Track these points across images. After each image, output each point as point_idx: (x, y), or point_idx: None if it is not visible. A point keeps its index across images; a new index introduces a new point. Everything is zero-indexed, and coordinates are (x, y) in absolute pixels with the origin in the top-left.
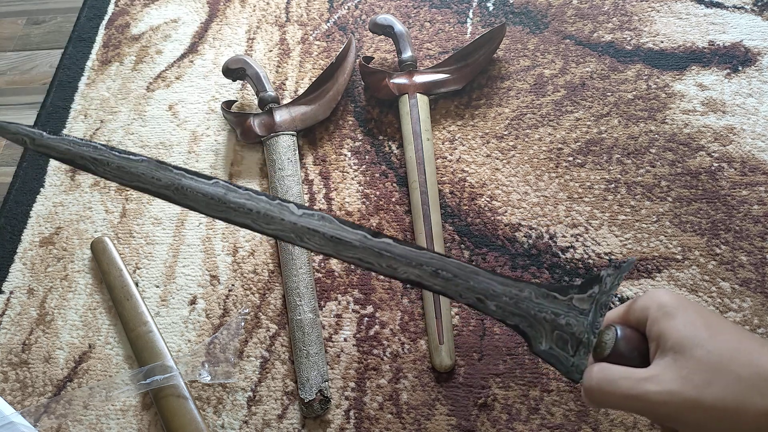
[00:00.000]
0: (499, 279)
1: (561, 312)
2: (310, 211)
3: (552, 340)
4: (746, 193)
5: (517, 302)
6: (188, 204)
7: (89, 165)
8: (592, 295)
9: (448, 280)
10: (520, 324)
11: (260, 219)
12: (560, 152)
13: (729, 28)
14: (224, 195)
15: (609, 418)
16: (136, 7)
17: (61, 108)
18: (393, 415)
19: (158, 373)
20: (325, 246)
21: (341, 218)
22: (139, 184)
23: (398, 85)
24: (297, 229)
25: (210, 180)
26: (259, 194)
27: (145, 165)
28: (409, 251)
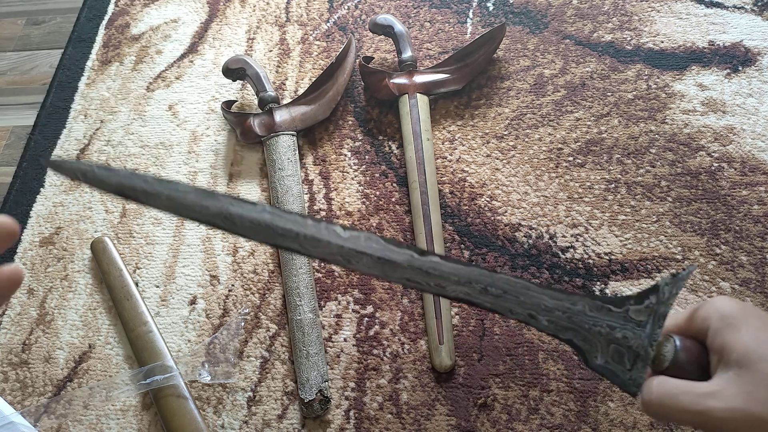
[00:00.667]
0: (549, 293)
1: (617, 324)
2: (356, 233)
3: (608, 354)
4: (746, 193)
5: (570, 316)
6: (238, 231)
7: (141, 198)
8: (649, 306)
9: (498, 297)
10: (573, 338)
11: (307, 242)
12: (560, 152)
13: (729, 28)
14: (271, 220)
15: (609, 418)
16: (136, 7)
17: (61, 108)
18: (393, 415)
19: (158, 373)
20: (373, 267)
21: (387, 238)
22: (190, 213)
23: (398, 85)
24: (344, 252)
25: (256, 206)
26: (305, 217)
27: (194, 195)
28: (458, 268)
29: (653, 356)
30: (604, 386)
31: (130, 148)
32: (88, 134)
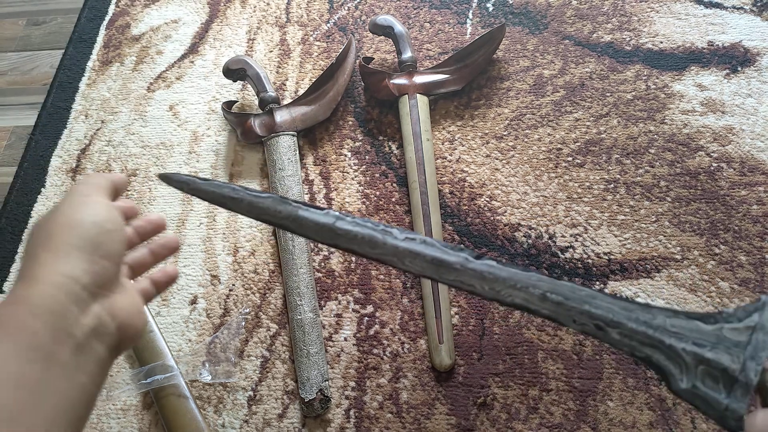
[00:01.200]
0: (621, 303)
1: (707, 343)
2: (413, 235)
3: (696, 377)
4: (745, 193)
5: (647, 330)
6: (304, 233)
7: (228, 203)
8: (750, 324)
9: (559, 305)
10: (653, 356)
11: (365, 244)
12: (560, 152)
13: (728, 28)
14: (333, 223)
15: (608, 417)
16: (137, 7)
17: (61, 108)
18: (393, 415)
19: (159, 372)
20: (427, 269)
21: (443, 242)
22: (265, 216)
23: (398, 85)
24: (399, 253)
25: (322, 210)
26: (365, 221)
27: (270, 201)
28: (514, 273)
29: (757, 383)
30: (603, 386)
31: (131, 149)
32: (89, 134)
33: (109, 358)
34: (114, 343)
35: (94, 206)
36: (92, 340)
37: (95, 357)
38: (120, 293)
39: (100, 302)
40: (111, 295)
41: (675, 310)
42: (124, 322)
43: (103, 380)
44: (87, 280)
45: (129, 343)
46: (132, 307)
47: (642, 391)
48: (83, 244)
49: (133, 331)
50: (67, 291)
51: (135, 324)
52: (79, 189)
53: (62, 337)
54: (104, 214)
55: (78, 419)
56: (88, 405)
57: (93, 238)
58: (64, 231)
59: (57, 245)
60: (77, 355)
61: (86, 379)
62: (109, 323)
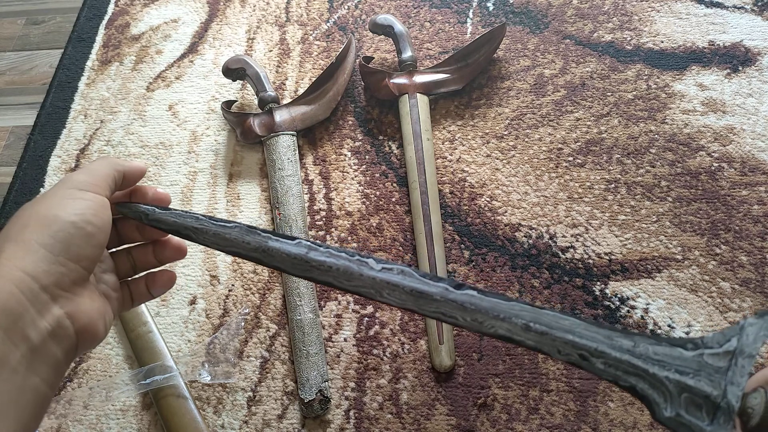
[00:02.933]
0: (604, 332)
1: (689, 370)
2: (389, 265)
3: (680, 405)
4: (746, 193)
5: (630, 359)
6: (275, 265)
7: (191, 234)
8: (729, 349)
9: (543, 335)
10: (637, 385)
11: (341, 276)
12: (560, 152)
13: (729, 28)
14: (306, 254)
15: (608, 418)
16: (136, 7)
17: (61, 108)
18: (393, 415)
19: (158, 373)
20: (407, 301)
21: (422, 271)
22: (232, 248)
23: (398, 85)
24: (376, 284)
25: (293, 240)
26: (339, 251)
27: (237, 231)
28: (496, 303)
29: (738, 409)
30: (603, 386)
31: (130, 148)
32: (88, 134)
33: (66, 361)
34: (71, 346)
35: (79, 204)
36: (49, 343)
37: (51, 360)
38: (86, 296)
39: (62, 304)
40: (74, 297)
41: (657, 336)
42: (84, 327)
43: (58, 382)
44: (49, 280)
45: (88, 347)
46: (95, 311)
47: None
48: (53, 243)
49: (93, 335)
50: (25, 290)
51: (95, 329)
52: (76, 179)
53: (16, 338)
54: (88, 215)
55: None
56: (41, 407)
57: (65, 239)
58: (38, 225)
59: (26, 239)
60: (31, 359)
61: (39, 382)
62: (68, 326)
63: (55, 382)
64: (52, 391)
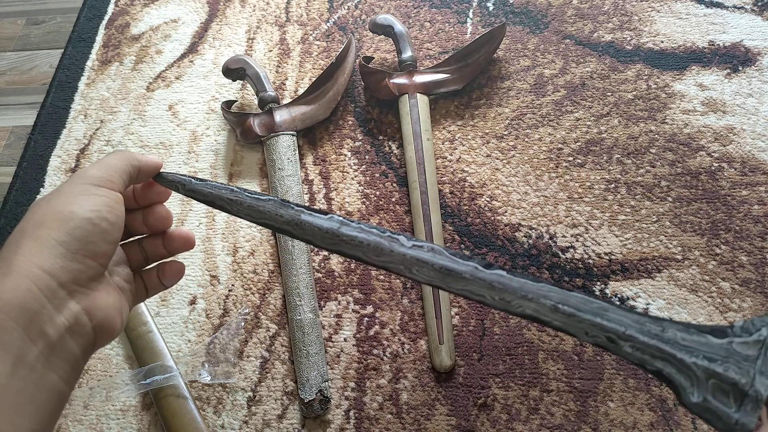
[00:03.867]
0: (633, 316)
1: (717, 357)
2: (420, 243)
3: (707, 391)
4: (746, 193)
5: (658, 343)
6: (306, 238)
7: (226, 205)
8: (759, 339)
9: (570, 316)
10: (664, 369)
11: (370, 251)
12: (560, 152)
13: (729, 28)
14: (338, 229)
15: (609, 418)
16: (136, 7)
17: (61, 108)
18: (393, 415)
19: (158, 373)
20: (435, 278)
21: (452, 250)
22: (265, 221)
23: (398, 85)
24: (406, 261)
25: (326, 215)
26: (371, 227)
27: (270, 204)
28: (525, 283)
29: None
30: (604, 386)
31: (130, 148)
32: (88, 134)
33: (83, 357)
34: (89, 342)
35: (94, 200)
36: (66, 339)
37: (68, 357)
38: (102, 291)
39: (78, 300)
40: (91, 293)
41: (685, 323)
42: (101, 322)
43: (75, 379)
44: (66, 277)
45: (105, 342)
46: (112, 306)
47: (643, 392)
48: (69, 240)
49: (110, 330)
50: (43, 287)
51: (112, 324)
52: (90, 174)
53: (34, 336)
54: (103, 212)
55: (46, 419)
56: (58, 404)
57: (82, 236)
58: (53, 222)
59: (42, 236)
60: (49, 355)
61: (57, 380)
62: (85, 322)
63: (72, 380)
64: (69, 388)
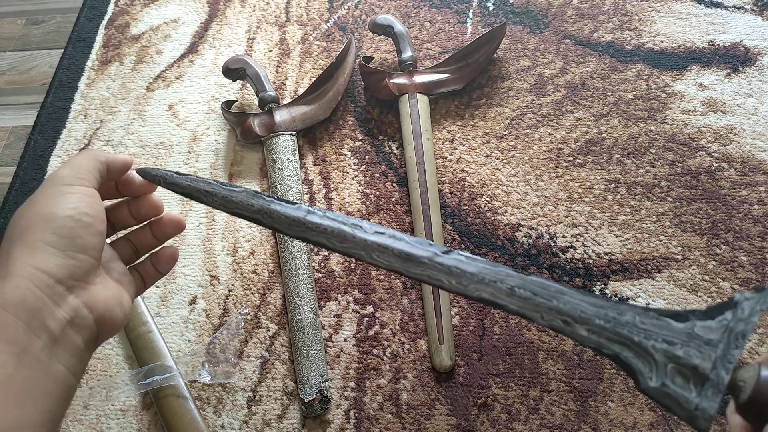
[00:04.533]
0: (590, 299)
1: (677, 341)
2: (382, 230)
3: (666, 375)
4: (746, 193)
5: (615, 327)
6: (275, 226)
7: (202, 197)
8: (723, 322)
9: (526, 300)
10: (621, 353)
11: (334, 237)
12: (560, 152)
13: (729, 28)
14: (304, 217)
15: (609, 418)
16: (136, 7)
17: (60, 108)
18: (393, 415)
19: (158, 373)
20: (394, 263)
21: (413, 236)
22: (237, 210)
23: (398, 85)
24: (367, 246)
25: (294, 204)
26: (336, 215)
27: (243, 195)
28: (482, 268)
29: (728, 382)
30: (604, 386)
31: (130, 148)
32: (88, 134)
33: (88, 349)
34: (92, 335)
35: (70, 198)
36: (69, 332)
37: (72, 348)
38: (99, 284)
39: (78, 294)
40: (89, 287)
41: (646, 307)
42: (102, 314)
43: (81, 370)
44: (62, 274)
45: (108, 335)
46: (111, 299)
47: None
48: (57, 240)
49: (112, 322)
50: (41, 285)
51: (113, 316)
52: (61, 175)
53: (36, 329)
54: (82, 207)
55: (54, 408)
56: (65, 394)
57: (68, 233)
58: (38, 225)
59: (31, 240)
60: (53, 347)
61: (63, 371)
62: (86, 315)
63: (78, 371)
64: (76, 379)
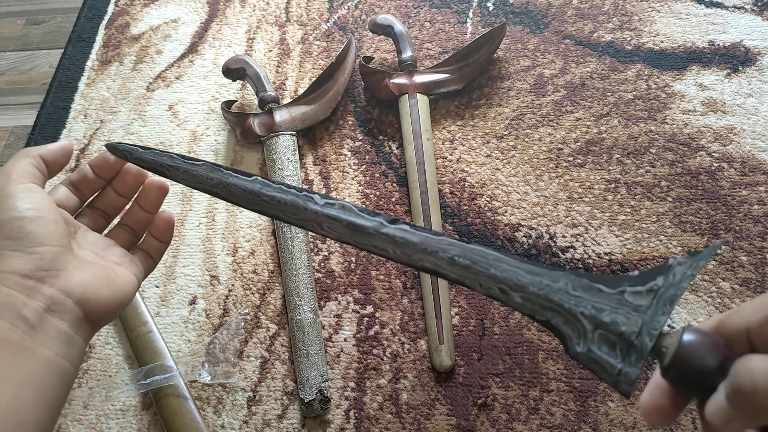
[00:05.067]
0: (527, 267)
1: (606, 307)
2: (332, 201)
3: (593, 341)
4: (746, 193)
5: (547, 294)
6: (233, 199)
7: (165, 171)
8: (653, 288)
9: (466, 268)
10: (552, 320)
11: (288, 209)
12: (560, 152)
13: (729, 28)
14: (260, 189)
15: (609, 418)
16: (136, 7)
17: (61, 108)
18: (393, 415)
19: (158, 373)
20: (344, 234)
21: (362, 207)
22: (198, 184)
23: (398, 85)
24: (318, 218)
25: (250, 177)
26: (290, 188)
27: (203, 168)
28: (426, 238)
29: (653, 347)
30: (604, 386)
31: None
32: (88, 134)
33: (77, 332)
34: (78, 317)
35: (8, 201)
36: (48, 319)
37: (57, 333)
38: (74, 268)
39: (51, 283)
40: (62, 273)
41: (580, 273)
42: (82, 296)
43: (74, 354)
44: (27, 269)
45: (103, 314)
46: (91, 280)
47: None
48: (11, 242)
49: (98, 302)
50: (9, 283)
51: (99, 295)
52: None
53: (13, 320)
54: (22, 205)
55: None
56: (60, 380)
57: (17, 234)
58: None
59: None
60: (34, 334)
61: (50, 354)
62: (64, 300)
63: (71, 355)
64: (70, 363)
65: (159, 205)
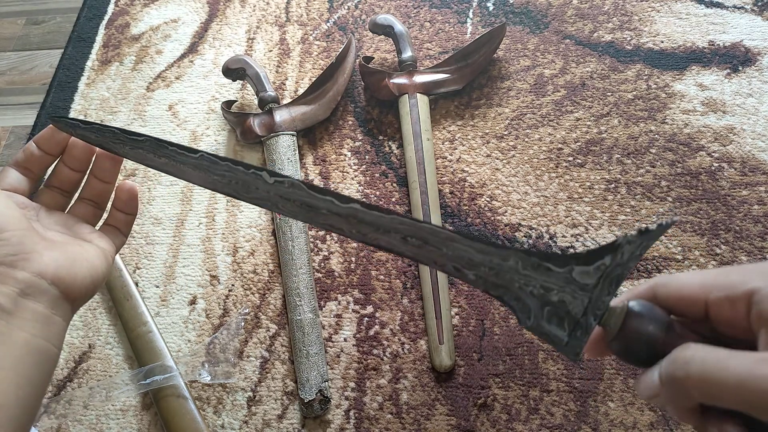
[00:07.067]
0: (478, 246)
1: (554, 286)
2: (281, 179)
3: (541, 318)
4: (746, 193)
5: (498, 273)
6: (184, 177)
7: (112, 148)
8: (600, 267)
9: (419, 247)
10: (504, 296)
11: (240, 188)
12: (560, 152)
13: (729, 28)
14: (208, 167)
15: (609, 418)
16: (136, 7)
17: (61, 108)
18: (393, 415)
19: (158, 373)
20: (299, 213)
21: (311, 184)
22: (145, 161)
23: (398, 85)
24: (271, 198)
25: (195, 154)
26: (238, 164)
27: (148, 144)
28: (379, 217)
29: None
30: (604, 386)
31: None
32: None
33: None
34: (55, 297)
35: None
36: (23, 302)
37: (33, 315)
38: (44, 250)
39: (23, 267)
40: (31, 255)
41: (529, 252)
42: (55, 276)
43: (53, 333)
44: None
45: (79, 291)
46: (63, 259)
47: None
48: None
49: (73, 279)
50: None
51: (74, 272)
52: None
53: None
54: None
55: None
56: (41, 360)
57: None
58: None
59: None
60: (9, 319)
61: (27, 336)
62: (38, 282)
63: (50, 335)
64: (50, 343)
65: (115, 175)
